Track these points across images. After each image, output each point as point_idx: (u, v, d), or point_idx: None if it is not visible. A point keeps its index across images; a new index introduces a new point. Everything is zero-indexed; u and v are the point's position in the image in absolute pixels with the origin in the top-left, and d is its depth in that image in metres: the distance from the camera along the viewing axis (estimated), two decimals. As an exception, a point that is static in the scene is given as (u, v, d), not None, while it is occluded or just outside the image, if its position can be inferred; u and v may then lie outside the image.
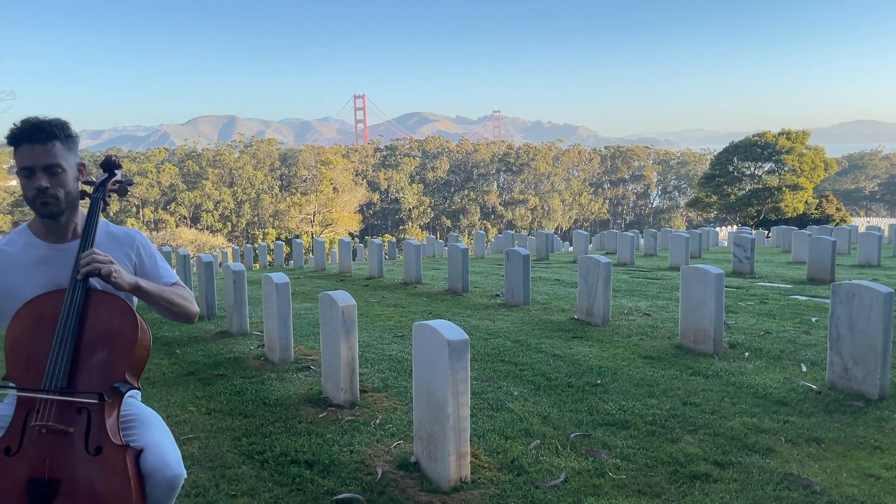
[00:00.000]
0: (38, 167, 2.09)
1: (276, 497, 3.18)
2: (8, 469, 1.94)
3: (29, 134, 2.07)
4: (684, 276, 5.85)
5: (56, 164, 2.11)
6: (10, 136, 2.11)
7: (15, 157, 2.12)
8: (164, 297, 2.22)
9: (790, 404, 4.38)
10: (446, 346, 3.22)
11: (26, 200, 2.15)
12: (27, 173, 2.09)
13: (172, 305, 2.24)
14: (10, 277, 2.19)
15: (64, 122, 2.17)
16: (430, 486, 3.26)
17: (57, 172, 2.12)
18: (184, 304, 2.28)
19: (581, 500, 3.13)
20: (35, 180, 2.09)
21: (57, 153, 2.11)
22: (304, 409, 4.36)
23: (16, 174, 2.21)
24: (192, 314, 2.31)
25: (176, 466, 2.10)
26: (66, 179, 2.15)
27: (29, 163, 2.08)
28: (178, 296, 2.27)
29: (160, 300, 2.21)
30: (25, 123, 2.10)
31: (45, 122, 2.10)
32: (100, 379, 2.06)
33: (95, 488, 1.94)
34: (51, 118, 2.14)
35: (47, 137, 2.09)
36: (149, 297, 2.18)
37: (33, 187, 2.10)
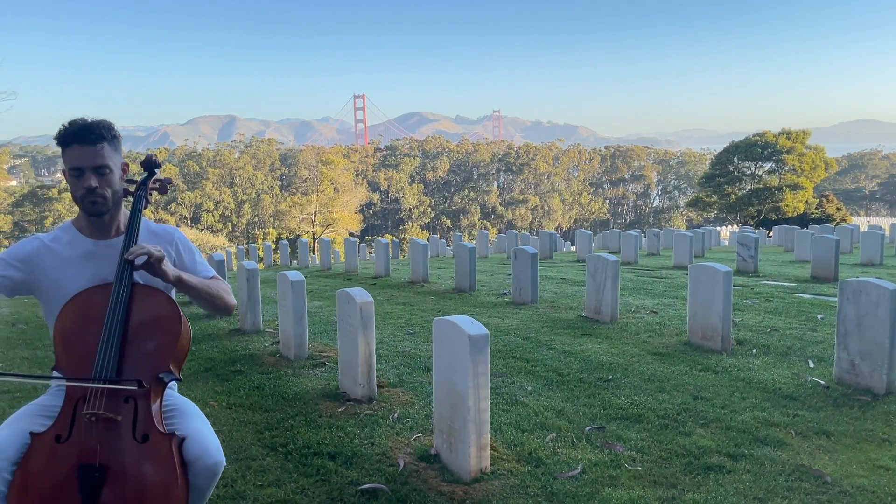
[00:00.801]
0: (88, 168, 2.17)
1: (301, 487, 3.26)
2: (60, 455, 2.02)
3: (79, 135, 2.15)
4: (693, 274, 5.94)
5: (105, 165, 2.19)
6: (61, 137, 2.18)
7: (64, 157, 2.19)
8: (205, 289, 2.30)
9: (799, 399, 4.47)
10: (467, 341, 3.31)
11: (74, 199, 2.23)
12: (77, 173, 2.17)
13: (213, 297, 2.32)
14: (56, 273, 2.27)
15: (110, 124, 2.25)
16: (451, 476, 3.34)
17: (105, 173, 2.20)
18: (224, 296, 2.36)
19: (598, 490, 3.21)
20: (84, 180, 2.17)
21: (106, 154, 2.19)
22: (322, 403, 4.45)
23: (63, 173, 2.28)
24: (230, 306, 2.39)
25: (216, 454, 2.18)
26: (113, 179, 2.24)
27: (79, 163, 2.16)
28: (218, 288, 2.35)
29: (201, 292, 2.29)
30: (75, 125, 2.17)
31: (94, 124, 2.18)
32: (146, 369, 2.14)
33: (143, 474, 2.02)
34: (98, 119, 2.22)
35: (97, 139, 2.17)
36: (190, 290, 2.26)
37: (83, 187, 2.18)
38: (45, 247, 2.30)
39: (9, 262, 2.26)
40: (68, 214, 57.91)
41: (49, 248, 2.30)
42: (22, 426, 2.13)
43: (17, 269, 2.25)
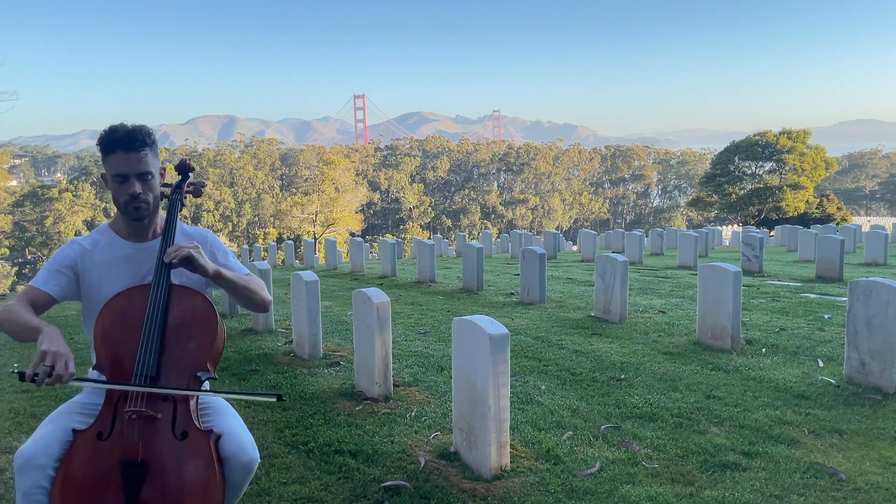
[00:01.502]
0: (133, 174, 2.21)
1: (325, 484, 3.32)
2: (102, 452, 2.08)
3: (123, 143, 2.19)
4: (702, 274, 6.00)
5: (148, 171, 2.24)
6: (104, 144, 2.22)
7: (106, 163, 2.23)
8: (243, 283, 2.33)
9: (810, 398, 4.53)
10: (488, 340, 3.36)
11: (117, 204, 2.28)
12: (121, 179, 2.22)
13: (250, 292, 2.34)
14: (95, 275, 2.33)
15: (150, 129, 2.29)
16: (471, 474, 3.40)
17: (148, 179, 2.25)
18: (260, 291, 2.39)
19: (617, 487, 3.27)
20: (128, 186, 2.22)
21: (149, 161, 2.24)
22: (340, 402, 4.50)
23: (105, 179, 2.32)
24: (267, 301, 2.42)
25: (251, 451, 2.24)
26: (154, 185, 2.30)
27: (124, 170, 2.21)
28: (254, 283, 2.39)
29: (239, 287, 2.32)
30: (118, 132, 2.21)
31: (137, 131, 2.22)
32: (184, 368, 2.20)
33: (183, 470, 2.08)
34: (138, 125, 2.26)
35: (140, 145, 2.21)
36: (228, 283, 2.29)
37: (127, 193, 2.23)
38: (85, 250, 2.35)
39: (56, 269, 2.31)
40: (69, 214, 57.87)
41: (88, 251, 2.35)
42: (64, 424, 2.18)
43: (65, 275, 2.31)
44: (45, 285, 2.27)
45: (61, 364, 1.92)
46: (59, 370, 1.91)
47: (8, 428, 4.11)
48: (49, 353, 1.93)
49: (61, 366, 1.92)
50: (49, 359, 1.92)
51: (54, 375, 1.91)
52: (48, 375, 1.90)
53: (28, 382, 1.91)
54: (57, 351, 1.94)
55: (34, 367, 1.91)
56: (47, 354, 1.92)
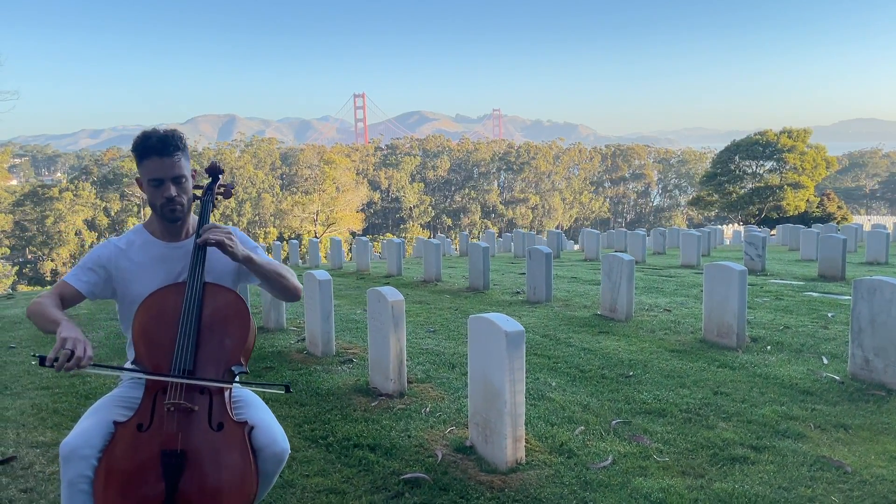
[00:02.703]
0: (167, 178, 2.31)
1: (346, 477, 3.41)
2: (143, 442, 2.17)
3: (158, 149, 2.28)
4: (708, 272, 6.09)
5: (182, 175, 2.34)
6: (139, 150, 2.31)
7: (140, 168, 2.32)
8: (274, 269, 2.41)
9: (815, 394, 4.63)
10: (504, 337, 3.46)
11: (153, 207, 2.38)
12: (156, 184, 2.31)
13: (282, 278, 2.42)
14: (131, 274, 2.42)
15: (182, 134, 2.39)
16: (487, 467, 3.49)
17: (182, 182, 2.35)
18: (291, 277, 2.47)
19: (630, 480, 3.36)
20: (164, 190, 2.31)
21: (182, 164, 2.33)
22: (355, 398, 4.60)
23: (140, 183, 2.40)
24: (299, 288, 2.49)
25: (282, 442, 2.33)
26: (188, 187, 2.39)
27: (159, 175, 2.30)
28: (286, 270, 2.47)
29: (271, 273, 2.39)
30: (152, 138, 2.30)
31: (170, 136, 2.31)
32: (219, 362, 2.30)
33: (220, 460, 2.17)
34: (169, 130, 2.35)
35: (173, 150, 2.30)
36: (260, 269, 2.37)
37: (163, 196, 2.32)
38: (120, 250, 2.44)
39: (88, 267, 2.41)
40: (69, 214, 57.89)
41: (123, 250, 2.44)
42: (104, 416, 2.27)
43: (97, 273, 2.40)
44: (75, 281, 2.37)
45: (80, 348, 2.04)
46: (79, 353, 2.02)
47: (33, 424, 4.21)
48: (69, 339, 2.04)
49: (80, 349, 2.03)
50: (69, 344, 2.03)
51: (74, 358, 2.01)
52: (68, 360, 2.00)
53: (48, 367, 2.00)
54: (76, 337, 2.06)
55: (55, 352, 2.01)
56: (67, 340, 2.04)
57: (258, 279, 2.44)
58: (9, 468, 3.53)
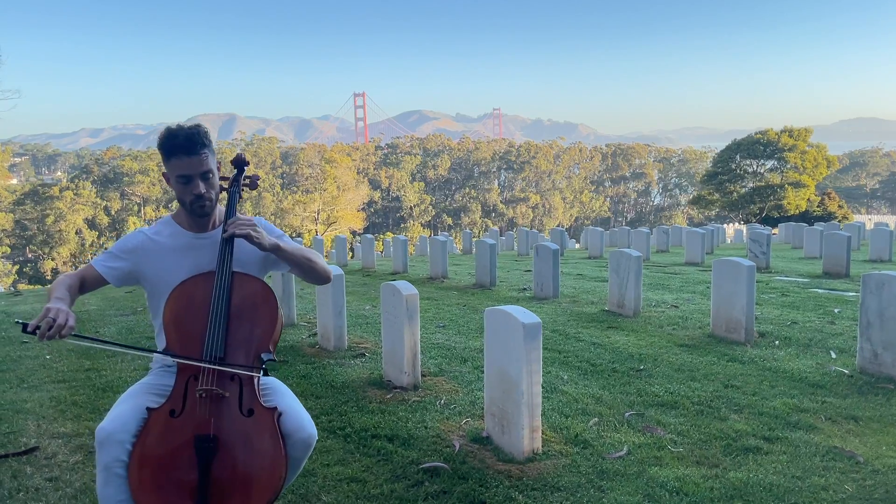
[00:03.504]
0: (196, 175, 2.34)
1: (366, 466, 3.46)
2: (176, 428, 2.22)
3: (185, 147, 2.30)
4: (716, 268, 6.14)
5: (209, 171, 2.38)
6: (166, 148, 2.33)
7: (168, 165, 2.35)
8: (303, 254, 2.45)
9: (825, 387, 4.68)
10: (521, 329, 3.51)
11: (182, 203, 2.41)
12: (185, 181, 2.34)
13: (311, 262, 2.45)
14: (160, 263, 2.47)
15: (206, 130, 2.40)
16: (505, 457, 3.54)
17: (209, 177, 2.39)
18: (320, 261, 2.50)
19: (645, 469, 3.41)
20: (193, 187, 2.35)
21: (209, 161, 2.37)
22: (370, 391, 4.65)
23: (167, 178, 2.41)
24: (329, 272, 2.54)
25: (310, 428, 2.37)
26: (215, 182, 2.43)
27: (187, 172, 2.33)
28: (313, 253, 2.51)
29: (299, 258, 2.43)
30: (179, 136, 2.31)
31: (195, 133, 2.32)
32: (249, 349, 2.34)
33: (251, 445, 2.22)
34: (194, 127, 2.36)
35: (200, 147, 2.32)
36: (289, 256, 2.41)
37: (192, 193, 2.36)
38: (149, 239, 2.49)
39: (115, 254, 2.46)
40: (69, 212, 57.93)
41: (153, 240, 2.49)
42: (137, 402, 2.32)
43: (124, 261, 2.45)
44: (100, 266, 2.42)
45: (63, 317, 2.07)
46: (60, 321, 2.05)
47: (52, 416, 4.26)
48: (52, 309, 2.08)
49: (62, 318, 2.07)
50: (52, 313, 2.07)
51: (55, 326, 2.05)
52: (49, 328, 2.04)
53: (30, 334, 2.03)
54: (59, 308, 2.10)
55: (37, 321, 2.05)
56: (51, 310, 2.08)
57: (287, 265, 2.47)
58: (32, 458, 3.58)
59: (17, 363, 5.71)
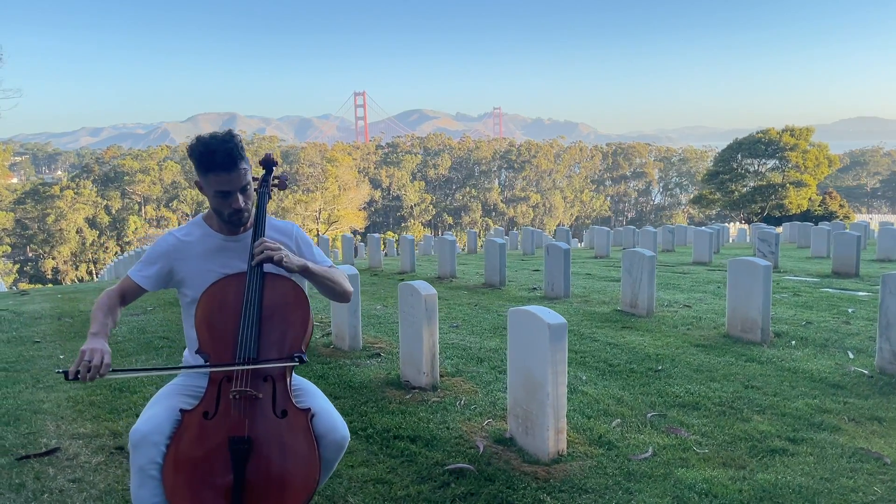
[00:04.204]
0: (236, 190, 2.32)
1: (390, 467, 3.44)
2: (210, 430, 2.20)
3: (225, 164, 2.26)
4: (732, 268, 6.12)
5: (248, 184, 2.36)
6: (204, 165, 2.28)
7: (205, 179, 2.31)
8: (328, 276, 2.46)
9: (846, 387, 4.65)
10: (547, 329, 3.48)
11: (219, 214, 2.40)
12: (224, 196, 2.32)
13: (334, 284, 2.48)
14: (191, 265, 2.45)
15: (240, 140, 2.35)
16: (530, 458, 3.52)
17: (247, 190, 2.37)
18: (344, 283, 2.52)
19: (672, 471, 3.39)
20: (232, 201, 2.33)
21: (247, 174, 2.34)
22: (388, 391, 4.63)
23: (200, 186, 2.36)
24: (349, 292, 2.55)
25: (343, 430, 2.36)
26: (252, 192, 2.42)
27: (227, 188, 2.30)
28: (338, 275, 2.52)
29: (324, 280, 2.45)
30: (218, 154, 2.25)
31: (231, 147, 2.27)
32: (282, 349, 2.32)
33: (285, 447, 2.20)
34: (227, 137, 2.29)
35: (238, 162, 2.28)
36: (314, 278, 2.42)
37: (231, 207, 2.34)
38: (180, 241, 2.47)
39: (148, 261, 2.45)
40: (70, 212, 57.89)
41: (183, 242, 2.47)
42: (171, 404, 2.30)
43: (157, 265, 2.44)
44: (136, 276, 2.42)
45: (97, 358, 2.12)
46: (96, 363, 2.10)
47: (71, 416, 4.23)
48: (87, 350, 2.13)
49: (97, 359, 2.11)
50: (87, 356, 2.11)
51: (92, 368, 2.10)
52: (87, 370, 2.09)
53: (72, 380, 2.11)
54: (93, 348, 2.14)
55: (76, 367, 2.10)
56: (85, 352, 2.12)
57: (311, 283, 2.47)
58: (54, 459, 3.55)
59: (30, 363, 5.68)
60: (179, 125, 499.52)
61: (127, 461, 3.48)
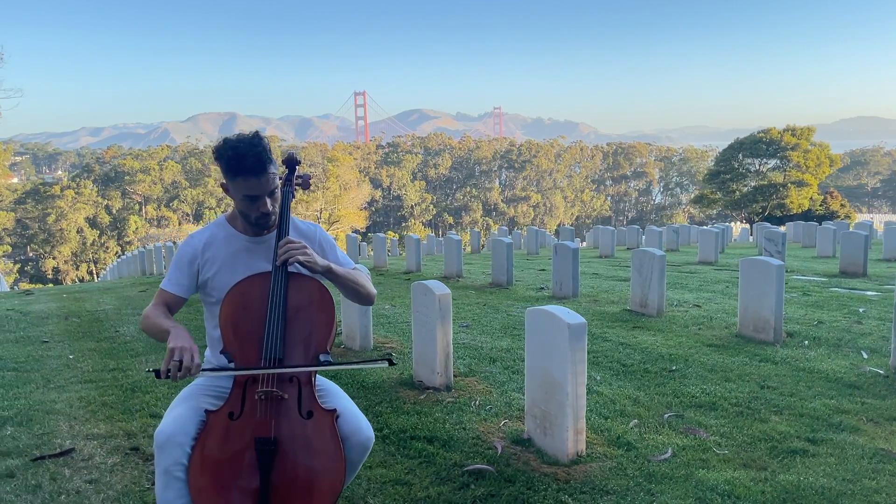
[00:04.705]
0: (264, 194, 2.29)
1: (409, 468, 3.41)
2: (235, 431, 2.18)
3: (254, 169, 2.22)
4: (744, 268, 6.09)
5: (276, 188, 2.33)
6: (233, 169, 2.23)
7: (232, 183, 2.27)
8: (352, 278, 2.43)
9: (862, 388, 4.62)
10: (566, 329, 3.45)
11: (245, 217, 2.36)
12: (252, 200, 2.29)
13: (358, 286, 2.45)
14: (215, 266, 2.42)
15: (267, 143, 2.30)
16: (549, 459, 3.49)
17: (275, 193, 2.34)
18: (367, 285, 2.50)
19: (693, 472, 3.36)
20: (260, 205, 2.30)
21: (275, 178, 2.31)
22: (402, 391, 4.60)
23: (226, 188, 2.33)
24: (373, 294, 2.53)
25: (367, 430, 2.33)
26: (279, 195, 2.39)
27: (255, 192, 2.27)
28: (361, 277, 2.49)
29: (348, 282, 2.42)
30: (248, 157, 2.20)
31: (260, 151, 2.22)
32: (308, 350, 2.30)
33: (312, 448, 2.18)
34: (257, 142, 2.24)
35: (267, 166, 2.25)
36: (338, 279, 2.39)
37: (259, 211, 2.31)
38: (204, 243, 2.44)
39: (178, 268, 2.42)
40: (71, 211, 57.87)
41: (208, 244, 2.44)
42: (195, 405, 2.28)
43: (187, 271, 2.41)
44: (171, 286, 2.40)
45: (188, 357, 2.07)
46: (187, 363, 2.06)
47: (84, 416, 4.21)
48: (176, 349, 2.08)
49: (188, 359, 2.07)
50: (177, 354, 2.07)
51: (184, 368, 2.06)
52: (178, 370, 2.05)
53: (164, 379, 2.07)
54: (183, 346, 2.09)
55: (166, 364, 2.06)
56: (175, 350, 2.08)
57: (334, 285, 2.44)
58: (69, 460, 3.52)
59: (40, 363, 5.66)
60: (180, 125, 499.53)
61: (143, 462, 3.47)
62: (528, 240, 18.62)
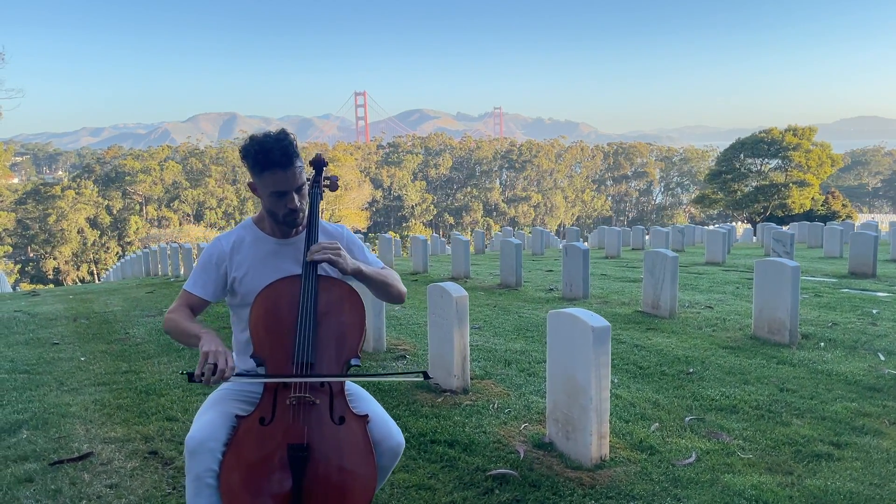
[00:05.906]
0: (292, 190, 2.26)
1: (431, 473, 3.37)
2: (268, 437, 2.14)
3: (282, 163, 2.20)
4: (759, 269, 6.06)
5: (303, 184, 2.30)
6: (260, 164, 2.21)
7: (259, 179, 2.24)
8: (382, 279, 2.40)
9: (883, 390, 4.59)
10: (590, 332, 3.42)
11: (273, 216, 2.33)
12: (279, 196, 2.26)
13: (388, 286, 2.41)
14: (243, 269, 2.38)
15: (293, 138, 2.28)
16: (572, 463, 3.45)
17: (302, 189, 2.31)
18: (397, 284, 2.46)
19: (718, 477, 3.32)
20: (287, 201, 2.27)
21: (302, 173, 2.28)
22: (419, 394, 4.56)
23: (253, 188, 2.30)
24: (403, 293, 2.49)
25: (398, 436, 2.30)
26: (307, 192, 2.35)
27: (283, 188, 2.24)
28: (391, 277, 2.45)
29: (378, 282, 2.39)
30: (274, 153, 2.19)
31: (287, 144, 2.21)
32: (340, 354, 2.26)
33: (344, 454, 2.14)
34: (283, 136, 2.23)
35: (293, 159, 2.22)
36: (368, 280, 2.36)
37: (287, 207, 2.27)
38: (231, 245, 2.40)
39: (203, 271, 2.39)
40: (71, 212, 57.83)
41: (235, 246, 2.40)
42: (225, 409, 2.24)
43: (213, 274, 2.38)
44: (195, 288, 2.36)
45: (223, 361, 2.05)
46: (222, 366, 2.03)
47: (100, 420, 4.17)
48: (210, 352, 2.05)
49: (223, 362, 2.04)
50: (212, 357, 2.04)
51: (218, 372, 2.03)
52: (213, 373, 2.02)
53: (197, 383, 2.04)
54: (217, 350, 2.06)
55: (200, 368, 2.03)
56: (209, 354, 2.05)
57: (365, 286, 2.41)
58: (87, 464, 3.49)
59: (52, 365, 5.62)
60: (180, 125, 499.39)
61: (162, 467, 3.44)
62: (533, 240, 18.59)
